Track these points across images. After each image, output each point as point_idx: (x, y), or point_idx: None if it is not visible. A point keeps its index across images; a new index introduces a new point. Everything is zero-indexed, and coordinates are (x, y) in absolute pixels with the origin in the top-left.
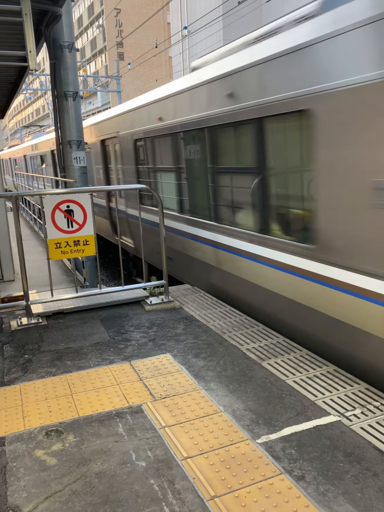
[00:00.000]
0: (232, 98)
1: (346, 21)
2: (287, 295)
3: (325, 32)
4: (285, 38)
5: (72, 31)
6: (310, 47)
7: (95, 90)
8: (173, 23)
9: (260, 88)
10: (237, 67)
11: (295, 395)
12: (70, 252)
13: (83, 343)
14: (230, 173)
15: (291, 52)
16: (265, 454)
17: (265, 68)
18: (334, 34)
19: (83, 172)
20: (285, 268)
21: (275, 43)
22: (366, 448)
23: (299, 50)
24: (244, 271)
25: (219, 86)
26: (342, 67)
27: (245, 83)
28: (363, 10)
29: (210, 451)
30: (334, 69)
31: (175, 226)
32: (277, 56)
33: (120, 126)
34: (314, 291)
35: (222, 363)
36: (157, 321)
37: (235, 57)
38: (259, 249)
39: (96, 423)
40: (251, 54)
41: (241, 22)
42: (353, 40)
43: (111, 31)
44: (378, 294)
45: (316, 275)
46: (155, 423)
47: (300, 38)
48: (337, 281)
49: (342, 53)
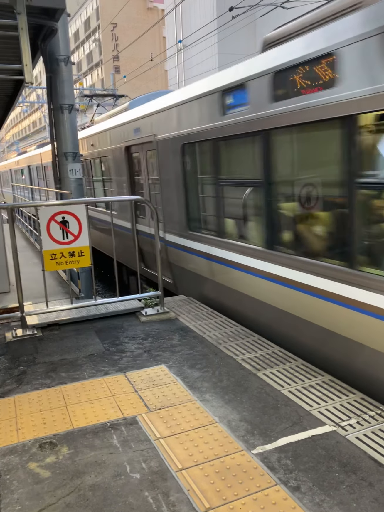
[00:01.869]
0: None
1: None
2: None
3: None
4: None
5: (68, 45)
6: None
7: (91, 103)
8: (168, 37)
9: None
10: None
11: (290, 405)
12: (65, 263)
13: (78, 354)
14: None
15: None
16: (260, 465)
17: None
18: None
19: (79, 183)
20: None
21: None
22: (361, 458)
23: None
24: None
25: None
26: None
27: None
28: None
29: (205, 462)
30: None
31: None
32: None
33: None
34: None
35: (217, 374)
36: (152, 332)
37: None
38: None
39: (91, 435)
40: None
41: (235, 36)
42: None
43: (107, 45)
44: None
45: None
46: (150, 434)
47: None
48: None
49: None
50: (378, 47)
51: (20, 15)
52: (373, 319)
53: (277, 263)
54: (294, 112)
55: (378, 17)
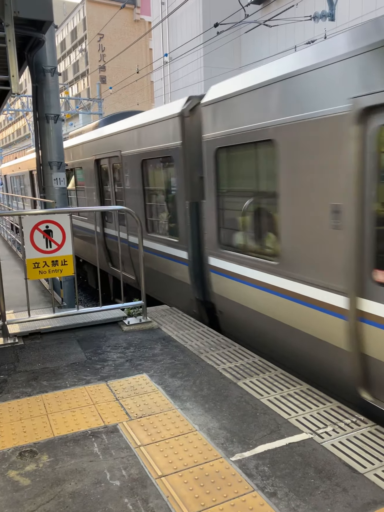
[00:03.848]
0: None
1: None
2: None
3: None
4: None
5: (55, 55)
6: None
7: (77, 112)
8: (155, 49)
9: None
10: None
11: (269, 413)
12: (48, 272)
13: (59, 363)
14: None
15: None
16: (238, 471)
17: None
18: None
19: (63, 193)
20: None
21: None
22: (336, 465)
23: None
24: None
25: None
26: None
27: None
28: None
29: (184, 469)
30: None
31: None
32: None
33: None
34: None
35: (198, 383)
36: (134, 342)
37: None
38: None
39: (71, 443)
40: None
41: (221, 50)
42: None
43: (93, 55)
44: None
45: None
46: (131, 442)
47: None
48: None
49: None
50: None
51: (8, 27)
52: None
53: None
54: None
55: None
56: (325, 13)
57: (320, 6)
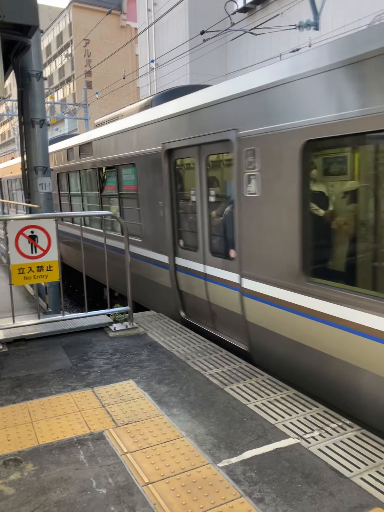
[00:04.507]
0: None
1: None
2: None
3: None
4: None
5: (41, 60)
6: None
7: (62, 117)
8: (141, 55)
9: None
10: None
11: (256, 419)
12: (34, 277)
13: (44, 370)
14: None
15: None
16: (225, 477)
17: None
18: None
19: (48, 198)
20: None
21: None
22: (323, 469)
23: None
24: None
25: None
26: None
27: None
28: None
29: (171, 476)
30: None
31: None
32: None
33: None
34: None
35: (185, 389)
36: (120, 348)
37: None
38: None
39: (57, 451)
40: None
41: (207, 57)
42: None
43: (79, 60)
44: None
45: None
46: (117, 449)
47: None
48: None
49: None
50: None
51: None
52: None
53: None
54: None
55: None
56: (310, 22)
57: (305, 15)
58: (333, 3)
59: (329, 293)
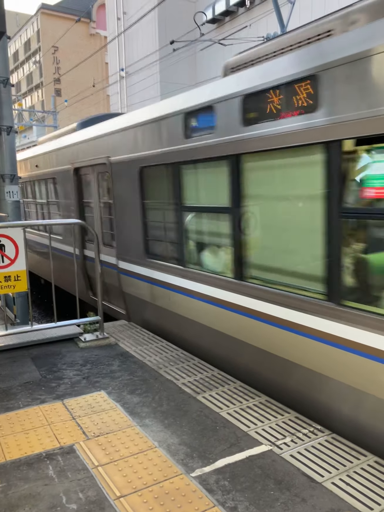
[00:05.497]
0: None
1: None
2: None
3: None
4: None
5: (7, 66)
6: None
7: (31, 124)
8: (111, 63)
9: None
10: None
11: (228, 427)
12: (1, 288)
13: (12, 383)
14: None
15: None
16: (199, 487)
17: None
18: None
19: (16, 206)
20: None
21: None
22: (295, 475)
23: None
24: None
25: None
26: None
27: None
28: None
29: (144, 488)
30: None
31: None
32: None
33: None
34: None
35: (157, 399)
36: (91, 358)
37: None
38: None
39: (25, 467)
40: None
41: (177, 66)
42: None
43: (48, 67)
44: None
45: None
46: (88, 462)
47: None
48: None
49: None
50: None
51: None
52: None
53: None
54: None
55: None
56: (277, 34)
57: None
58: (300, 16)
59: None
